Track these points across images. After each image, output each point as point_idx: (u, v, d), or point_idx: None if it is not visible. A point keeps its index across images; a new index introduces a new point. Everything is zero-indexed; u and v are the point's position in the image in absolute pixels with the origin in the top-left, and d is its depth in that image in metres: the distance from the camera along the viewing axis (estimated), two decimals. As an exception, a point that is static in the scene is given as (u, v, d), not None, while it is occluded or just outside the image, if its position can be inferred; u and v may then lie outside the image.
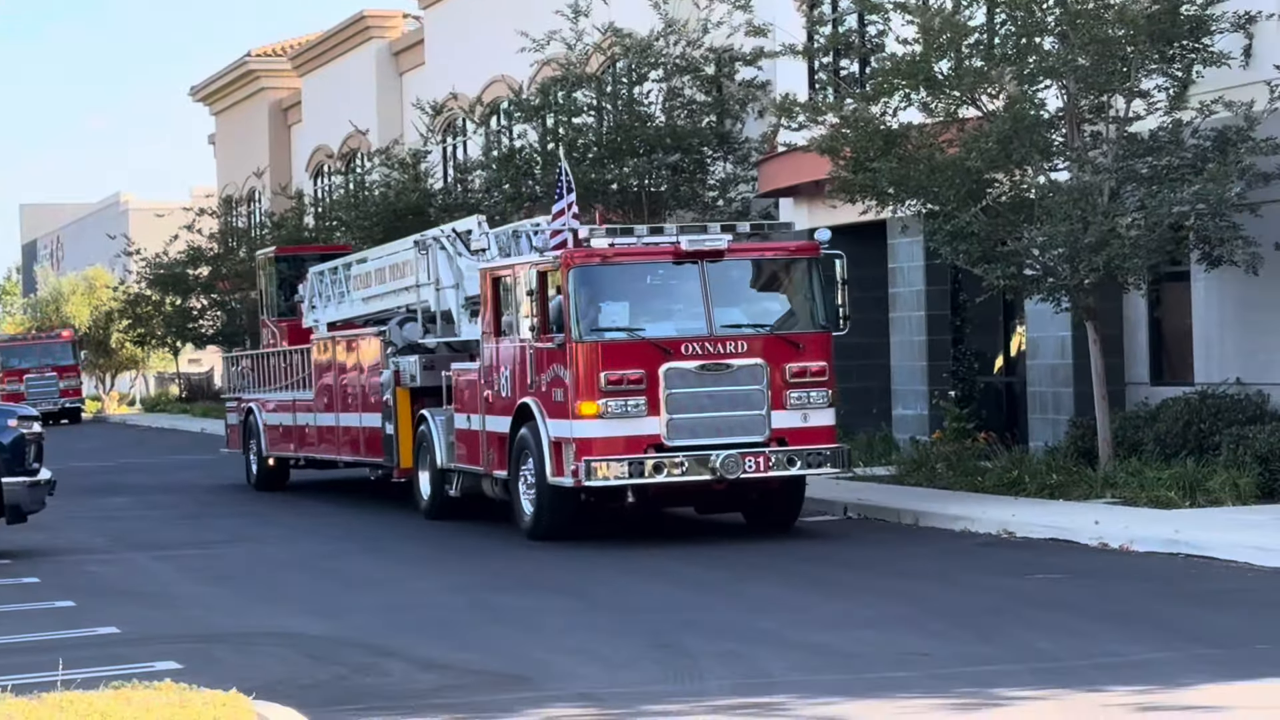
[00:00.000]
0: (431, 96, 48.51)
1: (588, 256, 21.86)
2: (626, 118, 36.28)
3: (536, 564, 21.10)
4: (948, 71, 25.10)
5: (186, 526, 27.46)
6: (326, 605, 18.43)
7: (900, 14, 25.95)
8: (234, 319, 63.86)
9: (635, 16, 37.33)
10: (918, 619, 15.97)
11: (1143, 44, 24.11)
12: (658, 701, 12.60)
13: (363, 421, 28.77)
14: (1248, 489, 22.44)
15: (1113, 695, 12.28)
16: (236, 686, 11.97)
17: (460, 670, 14.35)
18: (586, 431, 21.25)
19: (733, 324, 21.82)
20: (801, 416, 21.67)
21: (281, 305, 35.97)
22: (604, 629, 16.30)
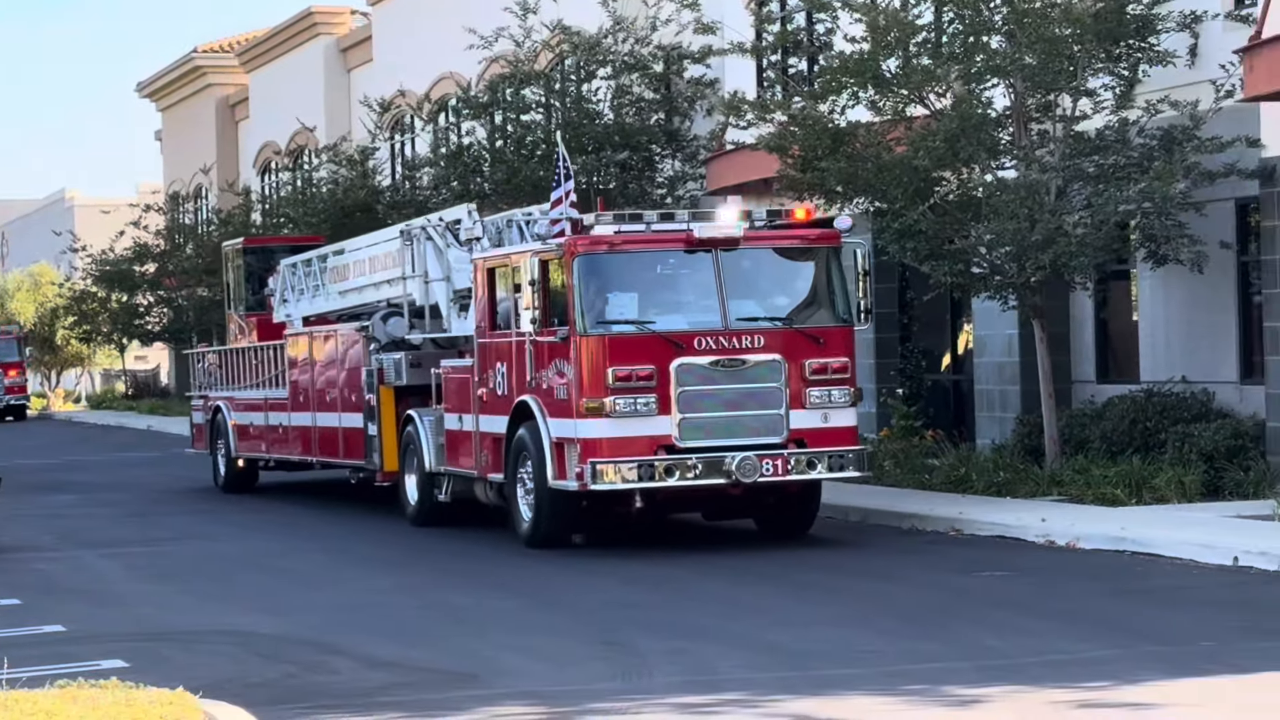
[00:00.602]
0: (379, 93, 48.46)
1: (593, 244, 20.45)
2: (575, 115, 36.24)
3: (516, 570, 21.04)
4: (895, 70, 25.15)
5: (134, 524, 27.29)
6: (277, 603, 18.36)
7: (848, 12, 26.00)
8: (181, 315, 63.64)
9: (584, 14, 37.30)
10: (867, 616, 16.01)
11: (1089, 43, 24.21)
12: (604, 699, 12.58)
13: (342, 422, 27.31)
14: (1193, 487, 22.56)
15: (1060, 693, 12.31)
16: (183, 685, 11.91)
17: (409, 668, 14.32)
18: (592, 431, 19.95)
19: (748, 317, 20.57)
20: (822, 416, 20.35)
21: (250, 299, 34.05)
22: (553, 628, 16.26)
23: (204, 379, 35.02)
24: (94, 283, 67.01)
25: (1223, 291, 24.94)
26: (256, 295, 33.54)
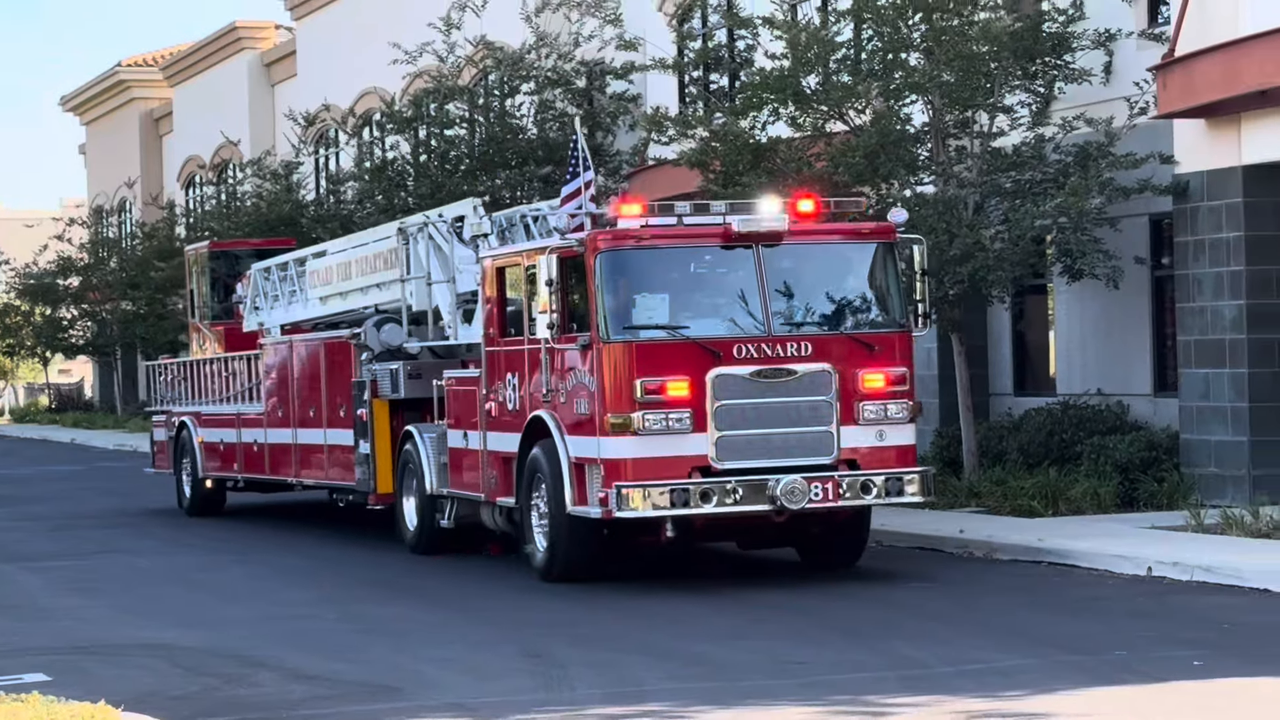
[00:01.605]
0: (303, 108, 48.35)
1: (618, 239, 18.05)
2: (498, 130, 36.25)
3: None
4: (815, 86, 25.24)
5: (58, 538, 27.05)
6: (199, 617, 18.23)
7: (769, 30, 26.10)
8: (105, 329, 63.41)
9: (507, 29, 37.32)
10: (790, 627, 16.00)
11: (1006, 61, 24.35)
12: (527, 710, 12.54)
13: (328, 439, 24.73)
14: (1108, 498, 22.71)
15: (976, 702, 12.34)
16: (105, 698, 11.84)
17: (332, 681, 14.23)
18: (618, 451, 17.52)
19: (794, 321, 18.16)
20: (876, 434, 18.06)
21: (215, 307, 31.38)
22: (477, 640, 16.23)
23: (166, 392, 32.18)
24: (17, 296, 66.82)
25: (1137, 305, 25.12)
26: (223, 303, 31.10)
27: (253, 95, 58.39)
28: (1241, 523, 20.20)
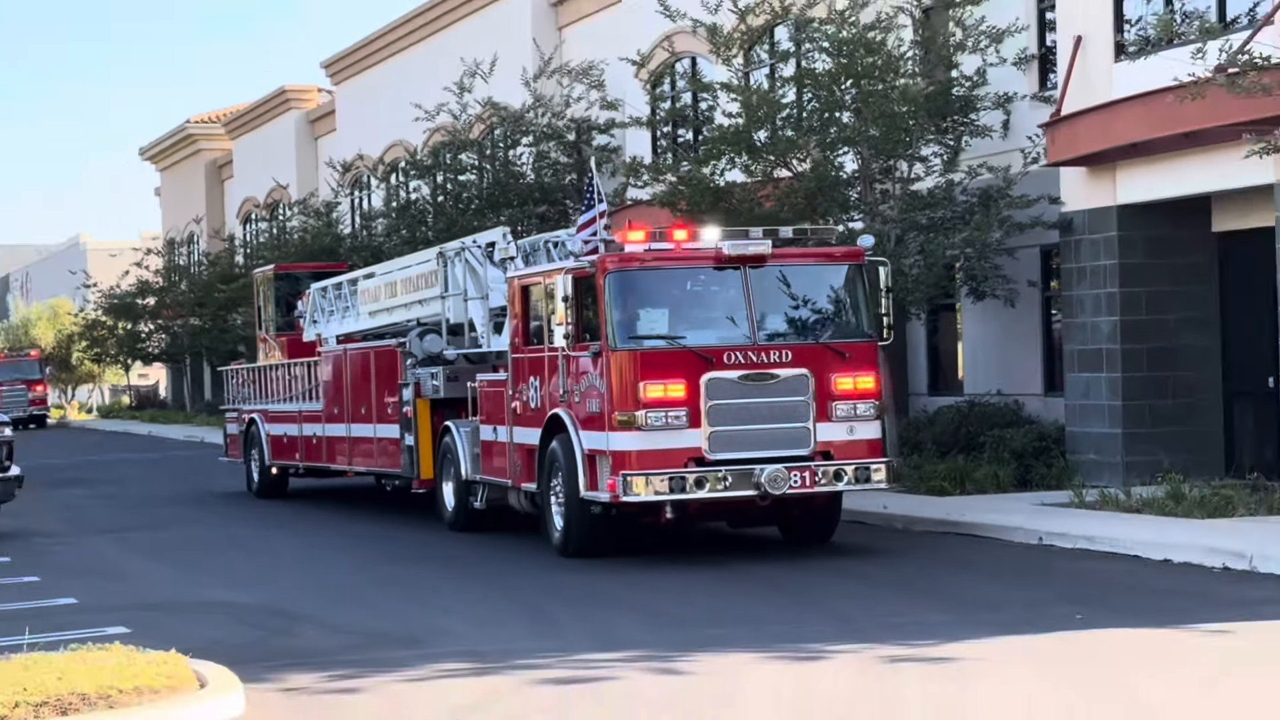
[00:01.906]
0: (341, 157, 48.41)
1: (625, 261, 17.66)
2: (502, 175, 36.23)
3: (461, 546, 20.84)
4: (764, 140, 25.27)
5: (136, 513, 26.98)
6: (256, 580, 18.18)
7: (726, 93, 26.14)
8: (176, 341, 63.45)
9: (510, 93, 37.35)
10: (744, 589, 15.98)
11: (922, 119, 24.40)
12: (522, 655, 12.53)
13: (377, 432, 24.29)
14: (1006, 480, 22.75)
15: (899, 649, 12.35)
16: (175, 647, 11.79)
17: (364, 633, 14.22)
18: (624, 444, 17.12)
19: (777, 332, 17.75)
20: (847, 429, 17.55)
21: (279, 321, 30.96)
22: (489, 601, 16.19)
23: (238, 394, 31.55)
24: (103, 313, 66.75)
25: (1030, 321, 25.19)
26: (286, 317, 30.61)
27: (299, 147, 58.29)
28: (1116, 500, 20.25)
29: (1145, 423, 22.66)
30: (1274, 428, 21.14)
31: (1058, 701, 10.46)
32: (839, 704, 10.60)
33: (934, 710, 10.28)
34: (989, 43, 24.47)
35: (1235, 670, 11.34)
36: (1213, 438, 22.83)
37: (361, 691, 11.56)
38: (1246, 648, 12.19)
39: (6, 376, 67.87)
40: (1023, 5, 25.01)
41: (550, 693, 11.30)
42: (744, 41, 26.36)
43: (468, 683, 11.69)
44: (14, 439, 23.18)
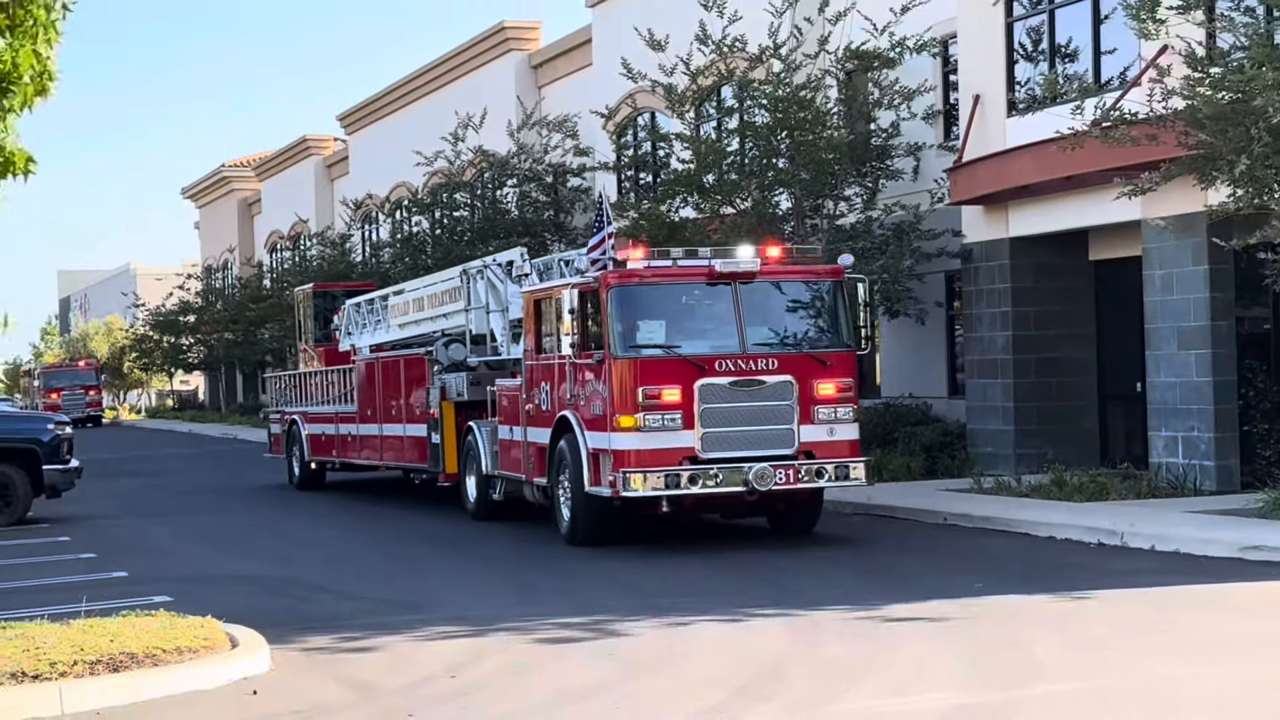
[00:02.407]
0: (354, 196, 48.34)
1: (626, 277, 16.77)
2: (490, 212, 36.21)
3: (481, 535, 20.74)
4: (712, 182, 25.30)
5: (180, 500, 26.86)
6: (283, 556, 18.11)
7: (680, 142, 26.17)
8: (213, 352, 63.35)
9: (497, 141, 37.38)
10: (697, 566, 15.95)
11: (845, 165, 24.48)
12: (507, 620, 12.53)
13: (406, 431, 23.31)
14: (917, 469, 22.84)
15: (828, 612, 12.38)
16: (211, 614, 11.76)
17: (373, 600, 14.18)
18: (624, 444, 16.22)
19: (764, 342, 16.70)
20: (828, 431, 16.58)
21: (317, 333, 29.91)
22: (485, 577, 16.17)
23: (280, 397, 30.57)
24: (150, 329, 66.59)
25: (937, 335, 25.30)
26: (323, 330, 29.72)
27: (317, 187, 58.16)
28: (1009, 487, 20.33)
29: (1033, 421, 22.76)
30: (1140, 425, 21.26)
31: (961, 655, 10.50)
32: (766, 655, 10.62)
33: (848, 661, 10.31)
34: (902, 100, 24.56)
35: (1107, 627, 11.41)
36: (1090, 434, 22.95)
37: (371, 650, 11.53)
38: (1115, 610, 12.26)
39: (67, 383, 67.70)
40: (930, 68, 25.12)
41: (529, 650, 11.30)
42: (695, 99, 26.40)
43: (461, 643, 11.68)
44: (73, 435, 23.09)
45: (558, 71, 39.27)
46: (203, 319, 62.83)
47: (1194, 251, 19.60)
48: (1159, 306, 20.28)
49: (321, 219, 56.22)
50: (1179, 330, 20.01)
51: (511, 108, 38.76)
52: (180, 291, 63.16)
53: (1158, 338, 20.34)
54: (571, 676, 10.29)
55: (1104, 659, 10.28)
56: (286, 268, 57.30)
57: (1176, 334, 20.05)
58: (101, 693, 9.84)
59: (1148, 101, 16.70)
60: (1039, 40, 22.54)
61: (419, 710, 9.49)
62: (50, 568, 17.18)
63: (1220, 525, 16.07)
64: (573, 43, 38.18)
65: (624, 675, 10.25)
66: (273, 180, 63.41)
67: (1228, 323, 19.71)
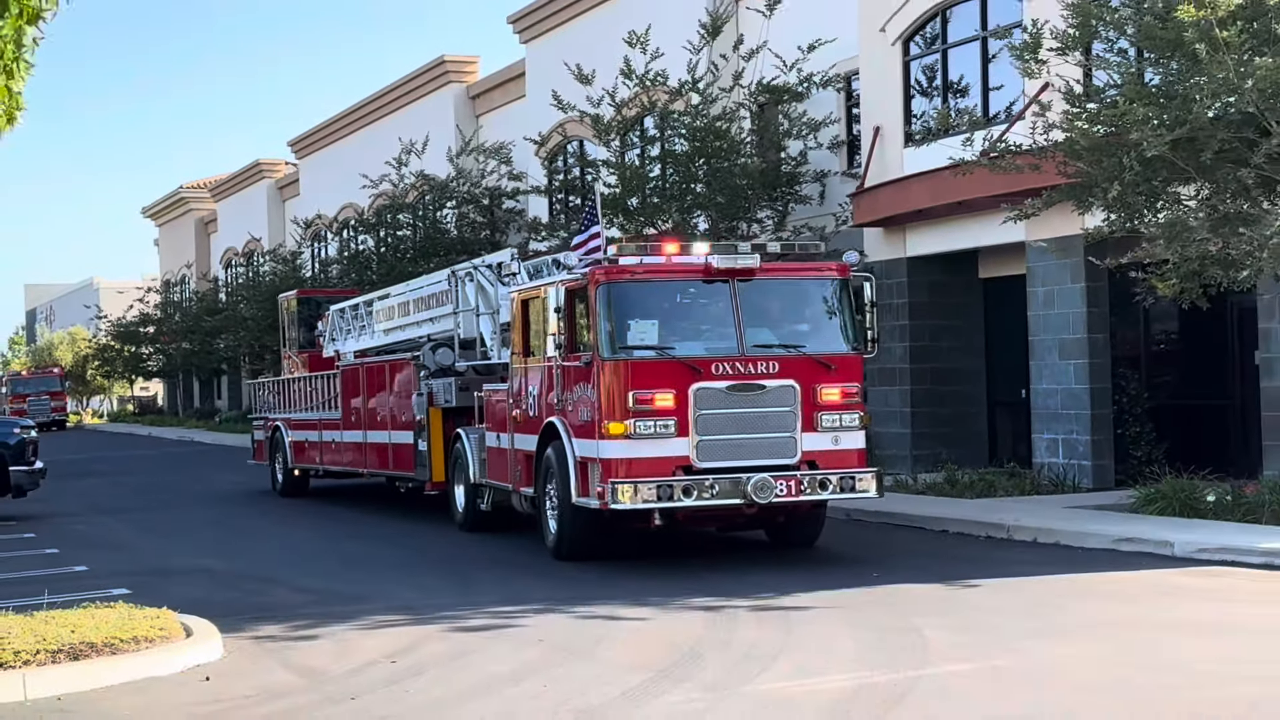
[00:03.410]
0: (304, 216, 47.94)
1: (617, 273, 14.53)
2: (431, 232, 36.05)
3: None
4: (636, 205, 25.32)
5: (137, 498, 26.47)
6: (237, 552, 17.87)
7: (606, 168, 26.16)
8: (171, 360, 62.69)
9: (438, 166, 37.25)
10: (665, 573, 15.84)
11: (758, 189, 24.59)
12: (445, 609, 12.45)
13: (392, 438, 21.14)
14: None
15: (743, 600, 12.37)
16: (167, 605, 11.59)
17: (322, 592, 14.02)
18: (613, 452, 14.06)
19: (763, 344, 14.52)
20: (832, 439, 14.42)
21: (302, 340, 28.02)
22: (430, 572, 16.05)
23: (263, 403, 28.13)
24: (112, 339, 65.75)
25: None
26: (307, 336, 27.65)
27: (270, 207, 57.63)
28: (907, 485, 20.48)
29: (928, 425, 22.93)
30: (1025, 428, 21.50)
31: (862, 640, 10.55)
32: (686, 641, 10.62)
33: (761, 646, 10.34)
34: (809, 131, 24.72)
35: (994, 613, 11.51)
36: (979, 437, 23.17)
37: (318, 638, 11.40)
38: (1001, 597, 12.36)
39: (33, 389, 66.74)
40: (835, 102, 25.29)
41: (464, 637, 11.23)
42: (620, 128, 26.42)
43: (402, 630, 11.58)
44: (38, 439, 22.71)
45: (494, 102, 39.18)
46: (161, 330, 62.16)
47: (1072, 270, 19.86)
48: (1041, 320, 20.52)
49: (274, 237, 55.70)
50: (1059, 342, 20.26)
51: (451, 135, 38.63)
52: (140, 304, 62.53)
53: (1040, 349, 20.58)
54: (504, 662, 10.23)
55: (991, 641, 10.37)
56: (241, 283, 56.80)
57: (1057, 345, 20.30)
58: (63, 680, 9.68)
59: (1031, 134, 16.89)
60: (933, 77, 22.77)
61: (361, 693, 9.40)
62: (15, 562, 16.85)
63: (1096, 520, 16.27)
64: (508, 75, 38.13)
65: (553, 660, 10.21)
66: (228, 201, 62.76)
67: (1103, 335, 19.99)
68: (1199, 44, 13.91)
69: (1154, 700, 8.47)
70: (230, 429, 52.08)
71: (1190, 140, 14.62)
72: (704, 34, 25.38)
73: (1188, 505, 16.27)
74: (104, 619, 10.87)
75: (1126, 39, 15.89)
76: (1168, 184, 15.74)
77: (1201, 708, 8.25)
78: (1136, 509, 16.80)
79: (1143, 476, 18.82)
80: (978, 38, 21.75)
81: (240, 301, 51.33)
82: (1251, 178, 15.01)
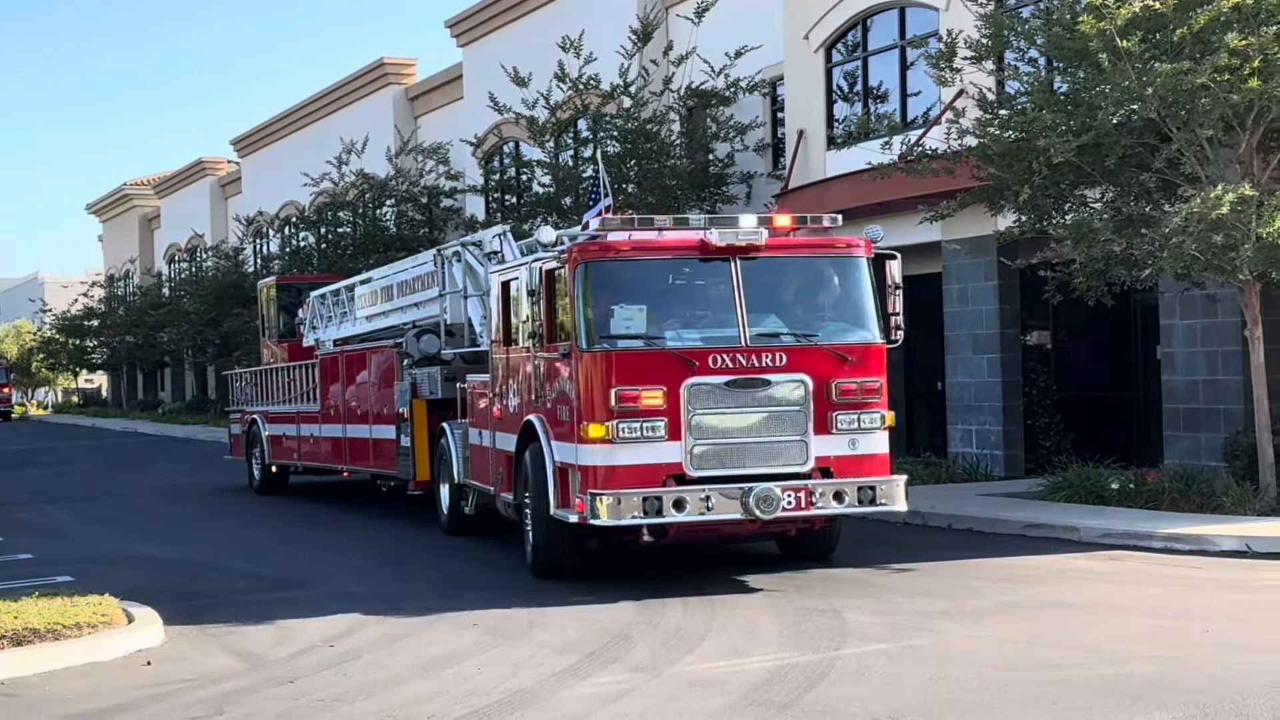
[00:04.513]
0: (246, 213, 47.45)
1: (600, 251, 12.12)
2: (371, 229, 35.80)
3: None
4: (570, 204, 25.28)
5: (81, 487, 26.07)
6: (177, 539, 17.65)
7: (541, 169, 26.11)
8: (115, 353, 61.93)
9: (377, 165, 36.99)
10: (605, 579, 15.77)
11: (687, 189, 24.63)
12: (381, 597, 12.37)
13: (373, 433, 18.96)
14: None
15: (672, 585, 12.34)
16: (110, 592, 11.44)
17: (262, 578, 13.89)
18: (593, 458, 11.71)
19: (770, 333, 12.09)
20: (849, 443, 12.01)
21: (282, 328, 25.31)
22: (373, 561, 15.94)
23: (241, 395, 25.70)
24: (57, 332, 64.85)
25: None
26: (287, 325, 25.08)
27: (213, 205, 56.95)
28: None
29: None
30: (941, 419, 21.69)
31: (785, 622, 10.59)
32: (617, 626, 10.61)
33: (688, 629, 10.35)
34: (736, 134, 24.80)
35: (909, 595, 11.61)
36: (897, 428, 23.21)
37: (258, 621, 11.31)
38: (916, 580, 12.47)
39: (-22, 381, 65.74)
40: (760, 106, 25.40)
41: (401, 621, 11.17)
42: (554, 130, 26.37)
43: (341, 616, 11.50)
44: (-18, 430, 22.26)
45: (432, 103, 38.97)
46: (106, 324, 61.36)
47: (985, 269, 20.07)
48: (956, 316, 20.72)
49: (216, 233, 55.06)
50: (973, 337, 20.48)
51: (390, 135, 38.37)
52: (85, 299, 61.65)
53: (955, 343, 20.78)
54: (439, 645, 10.19)
55: (907, 622, 10.46)
56: (184, 278, 56.16)
57: (971, 340, 20.52)
58: (6, 665, 9.55)
59: (946, 139, 17.06)
60: (854, 83, 22.92)
61: (301, 676, 9.33)
62: (-41, 551, 16.58)
63: (1007, 507, 16.46)
64: (446, 78, 37.95)
65: (487, 643, 10.19)
66: (171, 198, 61.96)
67: (1014, 331, 20.23)
68: (1102, 54, 14.12)
69: (1062, 677, 8.60)
70: (173, 420, 51.46)
71: (1096, 146, 14.83)
72: (635, 40, 25.39)
73: (1093, 493, 16.51)
74: (47, 605, 10.72)
75: (1036, 49, 16.09)
76: (1074, 187, 15.97)
77: (1104, 683, 8.38)
78: (1045, 496, 17.02)
79: (1051, 465, 19.07)
80: (896, 46, 21.92)
81: (183, 296, 50.74)
82: (1153, 181, 15.27)
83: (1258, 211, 13.88)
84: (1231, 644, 9.40)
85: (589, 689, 8.67)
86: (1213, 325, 17.20)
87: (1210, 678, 8.42)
